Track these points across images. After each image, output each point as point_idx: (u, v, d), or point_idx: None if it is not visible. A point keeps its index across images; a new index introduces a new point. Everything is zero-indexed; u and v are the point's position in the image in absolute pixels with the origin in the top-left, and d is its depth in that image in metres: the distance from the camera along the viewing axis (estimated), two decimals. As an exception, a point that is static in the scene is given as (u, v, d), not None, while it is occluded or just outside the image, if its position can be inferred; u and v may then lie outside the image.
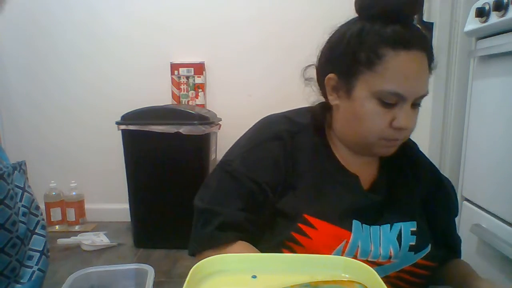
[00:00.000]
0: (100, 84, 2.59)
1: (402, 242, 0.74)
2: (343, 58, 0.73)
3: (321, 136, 0.81)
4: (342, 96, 0.75)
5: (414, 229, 0.77)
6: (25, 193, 0.70)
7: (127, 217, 2.34)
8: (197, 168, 2.18)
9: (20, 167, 0.71)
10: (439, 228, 0.85)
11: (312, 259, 0.52)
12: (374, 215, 0.76)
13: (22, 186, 0.70)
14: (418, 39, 0.69)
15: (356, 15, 0.75)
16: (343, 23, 0.77)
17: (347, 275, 0.50)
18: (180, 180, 2.15)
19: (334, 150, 0.81)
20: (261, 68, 2.54)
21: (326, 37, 0.78)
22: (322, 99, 0.82)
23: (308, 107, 0.86)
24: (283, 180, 0.75)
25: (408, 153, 0.85)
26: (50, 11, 2.53)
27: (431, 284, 0.81)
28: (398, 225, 0.76)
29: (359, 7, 0.74)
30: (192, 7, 2.52)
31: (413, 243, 0.75)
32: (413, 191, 0.82)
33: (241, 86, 2.57)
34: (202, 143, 2.19)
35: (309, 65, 0.83)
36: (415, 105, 0.72)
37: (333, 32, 0.78)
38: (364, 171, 0.81)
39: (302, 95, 0.85)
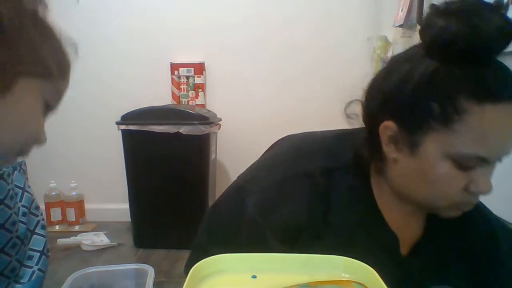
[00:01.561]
0: (100, 84, 2.59)
1: None
2: (408, 107, 0.58)
3: (363, 179, 0.68)
4: (403, 151, 0.60)
5: None
6: (25, 193, 0.70)
7: (127, 217, 2.34)
8: (197, 168, 2.18)
9: (20, 167, 0.71)
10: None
11: (312, 259, 0.52)
12: (408, 282, 0.63)
13: (22, 186, 0.70)
14: (509, 86, 0.54)
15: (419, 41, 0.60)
16: (404, 53, 0.62)
17: (347, 275, 0.50)
18: (180, 180, 2.15)
19: (377, 196, 0.67)
20: (261, 68, 2.54)
21: (377, 69, 0.65)
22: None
23: (352, 134, 0.70)
24: (308, 228, 0.64)
25: (471, 213, 0.66)
26: (51, 10, 2.53)
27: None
28: None
29: (431, 41, 0.57)
30: (192, 7, 2.52)
31: None
32: (463, 253, 0.68)
33: (241, 86, 2.57)
34: (202, 143, 2.19)
35: (352, 101, 0.68)
36: (495, 162, 0.59)
37: (390, 65, 0.62)
38: (409, 224, 0.68)
39: (302, 96, 0.83)
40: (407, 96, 0.58)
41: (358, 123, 0.68)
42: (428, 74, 0.56)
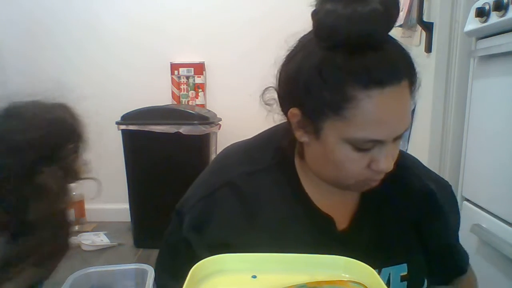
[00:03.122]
0: (100, 84, 2.59)
1: None
2: (305, 95, 0.59)
3: (288, 171, 0.69)
4: (310, 135, 0.62)
5: (405, 273, 0.68)
6: (25, 193, 0.70)
7: (127, 217, 2.34)
8: (197, 168, 2.16)
9: (20, 167, 0.71)
10: (436, 252, 0.74)
11: (312, 259, 0.52)
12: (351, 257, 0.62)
13: (22, 186, 0.70)
14: (396, 69, 0.56)
15: None
16: (302, 38, 0.63)
17: (347, 275, 0.50)
18: (180, 180, 2.14)
19: (305, 184, 0.69)
20: (261, 68, 2.53)
21: (283, 54, 0.65)
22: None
23: (274, 132, 0.73)
24: (237, 236, 0.64)
25: (398, 177, 0.69)
26: (50, 12, 2.53)
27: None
28: (387, 271, 0.68)
29: (318, 27, 0.58)
30: (192, 7, 2.52)
31: None
32: (404, 223, 0.71)
33: (241, 86, 2.57)
34: (202, 143, 2.19)
35: (268, 88, 0.69)
36: (397, 139, 0.61)
37: (292, 50, 0.64)
38: (342, 206, 0.70)
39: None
40: (302, 85, 0.59)
41: (277, 110, 0.68)
42: (316, 62, 0.57)
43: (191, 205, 0.70)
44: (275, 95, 0.68)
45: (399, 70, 0.56)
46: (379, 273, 0.66)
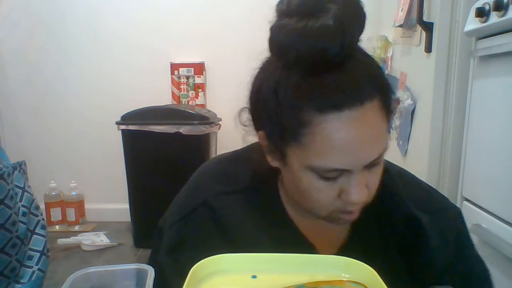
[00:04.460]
0: (101, 84, 2.59)
1: None
2: (265, 120, 0.55)
3: (270, 194, 0.64)
4: (279, 160, 0.58)
5: None
6: (25, 193, 0.70)
7: (127, 217, 2.34)
8: (197, 168, 2.17)
9: (20, 167, 0.71)
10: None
11: (313, 259, 0.52)
12: None
13: (22, 186, 0.70)
14: (357, 90, 0.49)
15: None
16: (264, 60, 0.58)
17: (347, 275, 0.50)
18: (180, 180, 2.14)
19: (289, 209, 0.63)
20: (261, 68, 2.54)
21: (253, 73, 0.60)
22: None
23: (254, 149, 0.66)
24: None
25: (385, 201, 0.63)
26: (50, 12, 2.53)
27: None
28: None
29: (271, 45, 0.53)
30: (192, 7, 2.52)
31: None
32: (392, 254, 0.64)
33: (241, 86, 2.56)
34: (202, 143, 2.19)
35: (243, 108, 0.64)
36: (371, 166, 0.54)
37: (256, 71, 0.59)
38: (330, 234, 0.65)
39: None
40: (262, 109, 0.56)
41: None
42: (273, 84, 0.52)
43: (169, 226, 0.66)
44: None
45: (360, 90, 0.49)
46: None
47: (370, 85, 0.50)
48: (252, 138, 0.63)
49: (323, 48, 0.48)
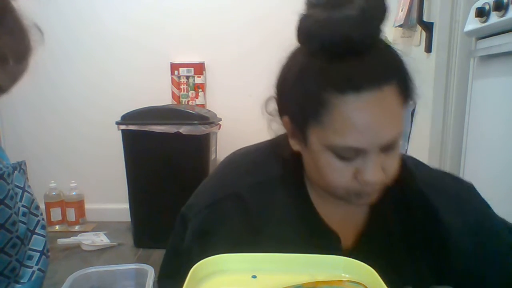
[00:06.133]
0: (101, 84, 2.59)
1: None
2: (289, 104, 0.61)
3: (296, 183, 0.67)
4: (301, 143, 0.62)
5: None
6: (25, 193, 0.70)
7: (127, 217, 2.34)
8: (197, 168, 2.18)
9: (20, 167, 0.71)
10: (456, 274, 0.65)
11: (313, 259, 0.52)
12: None
13: (22, 186, 0.70)
14: (375, 74, 0.53)
15: None
16: (293, 47, 0.62)
17: (347, 275, 0.50)
18: (180, 180, 2.15)
19: (313, 197, 0.67)
20: (261, 68, 2.53)
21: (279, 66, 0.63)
22: None
23: (281, 140, 0.69)
24: (240, 250, 0.60)
25: (405, 190, 0.66)
26: (50, 12, 2.53)
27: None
28: None
29: (298, 33, 0.58)
30: (192, 7, 2.52)
31: None
32: (412, 243, 0.66)
33: (241, 86, 2.57)
34: (202, 143, 2.19)
35: (270, 97, 0.67)
36: (388, 149, 0.57)
37: (283, 60, 0.63)
38: (350, 221, 0.67)
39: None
40: (287, 93, 0.60)
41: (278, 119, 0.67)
42: (298, 69, 0.58)
43: (196, 212, 0.69)
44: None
45: (379, 75, 0.54)
46: None
47: (389, 70, 0.55)
48: (276, 125, 0.67)
49: (346, 36, 0.52)
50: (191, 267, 0.56)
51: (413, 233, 0.66)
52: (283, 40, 0.66)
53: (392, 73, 0.55)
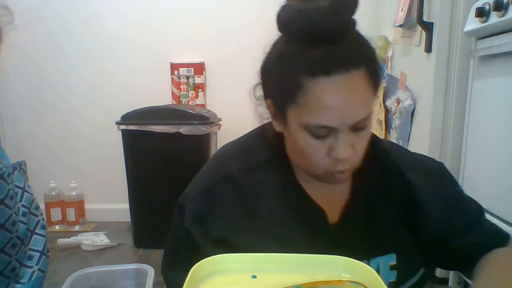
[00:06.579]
0: (101, 84, 2.59)
1: None
2: (271, 87, 0.67)
3: (283, 165, 0.72)
4: (282, 124, 0.67)
5: (394, 263, 0.70)
6: (25, 193, 0.70)
7: (127, 217, 2.34)
8: (197, 168, 2.17)
9: (20, 167, 0.71)
10: (436, 242, 0.72)
11: (313, 259, 0.52)
12: (346, 253, 0.59)
13: (22, 186, 0.70)
14: (344, 59, 0.59)
15: None
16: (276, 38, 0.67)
17: (347, 275, 0.50)
18: (180, 180, 2.14)
19: (299, 177, 0.72)
20: (261, 68, 2.54)
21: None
22: None
23: (266, 127, 0.76)
24: (236, 229, 0.67)
25: (383, 168, 0.73)
26: (50, 11, 2.53)
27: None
28: (375, 261, 0.69)
29: (277, 20, 0.64)
30: (192, 7, 2.52)
31: (393, 280, 0.69)
32: (392, 214, 0.72)
33: (241, 86, 2.56)
34: (202, 143, 2.19)
35: (257, 84, 0.73)
36: (357, 129, 0.62)
37: (266, 51, 0.69)
38: (334, 199, 0.72)
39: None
40: (269, 77, 0.67)
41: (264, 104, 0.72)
42: (277, 56, 0.64)
43: (191, 199, 0.72)
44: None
45: (348, 60, 0.59)
46: (367, 263, 0.66)
47: (358, 57, 0.60)
48: (262, 109, 0.73)
49: (318, 25, 0.58)
50: (194, 252, 0.58)
51: (392, 207, 0.72)
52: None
53: (360, 59, 0.60)
